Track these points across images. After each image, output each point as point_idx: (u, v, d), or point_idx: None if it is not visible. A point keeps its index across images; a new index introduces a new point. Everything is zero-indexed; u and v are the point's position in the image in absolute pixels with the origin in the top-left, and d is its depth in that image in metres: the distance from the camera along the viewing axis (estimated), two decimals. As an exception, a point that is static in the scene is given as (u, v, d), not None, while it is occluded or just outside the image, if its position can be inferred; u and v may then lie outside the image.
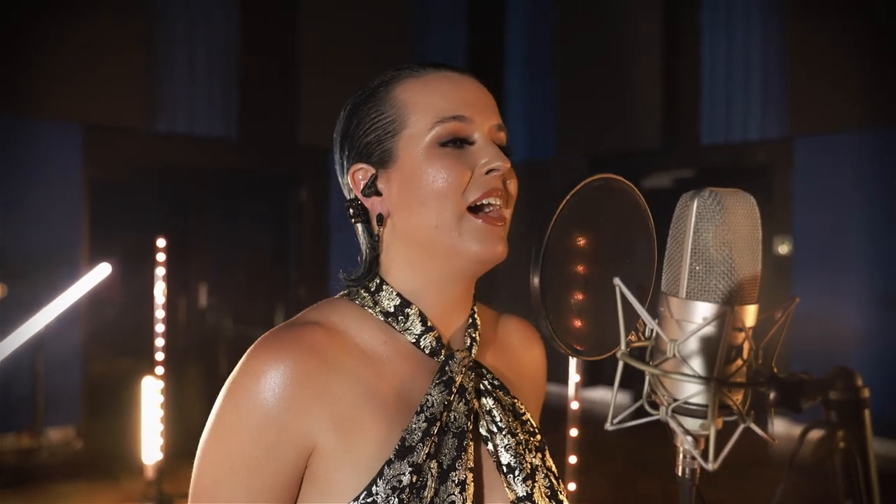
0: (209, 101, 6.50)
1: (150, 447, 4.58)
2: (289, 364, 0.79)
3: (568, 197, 0.73)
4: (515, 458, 0.85)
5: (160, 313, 4.63)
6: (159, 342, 4.60)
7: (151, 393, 4.63)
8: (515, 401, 0.91)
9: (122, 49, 5.98)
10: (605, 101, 7.39)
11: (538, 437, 0.90)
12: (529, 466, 0.86)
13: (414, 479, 0.78)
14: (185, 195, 6.89)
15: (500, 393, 0.90)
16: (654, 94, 6.90)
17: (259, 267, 7.02)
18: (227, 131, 6.60)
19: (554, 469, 0.90)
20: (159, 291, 4.61)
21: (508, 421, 0.87)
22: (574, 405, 2.50)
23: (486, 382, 0.89)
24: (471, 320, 0.91)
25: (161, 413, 4.58)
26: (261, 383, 0.78)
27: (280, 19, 7.00)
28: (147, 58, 6.18)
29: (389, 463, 0.79)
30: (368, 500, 0.77)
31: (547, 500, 0.86)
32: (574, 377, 2.59)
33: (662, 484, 4.81)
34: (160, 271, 4.58)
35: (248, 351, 0.82)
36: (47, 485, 4.83)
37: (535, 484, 0.86)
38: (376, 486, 0.78)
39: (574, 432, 2.53)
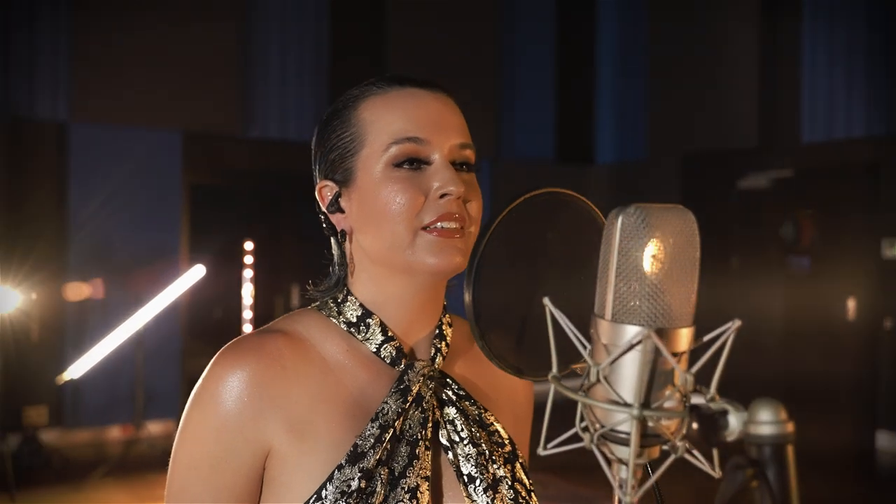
0: (300, 107, 6.69)
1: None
2: (247, 370, 0.82)
3: (504, 213, 0.71)
4: (476, 468, 0.85)
5: (248, 313, 4.81)
6: (246, 342, 4.78)
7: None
8: (483, 412, 0.90)
9: (218, 60, 6.25)
10: (698, 98, 7.16)
11: (507, 448, 0.89)
12: (492, 477, 0.85)
13: (363, 485, 0.79)
14: (278, 199, 7.12)
15: (466, 403, 0.89)
16: (750, 90, 6.63)
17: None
18: (317, 137, 6.78)
19: (525, 481, 0.88)
20: (247, 292, 4.79)
21: (471, 431, 0.86)
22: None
23: (449, 392, 0.88)
24: (437, 331, 0.91)
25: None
26: (220, 388, 0.82)
27: (369, 26, 7.12)
28: (241, 68, 6.43)
29: (340, 468, 0.80)
30: (317, 503, 0.79)
31: None
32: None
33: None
34: (248, 273, 4.76)
35: (214, 357, 0.85)
36: (147, 474, 5.09)
37: (497, 495, 0.85)
38: (325, 489, 0.79)
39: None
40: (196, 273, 5.44)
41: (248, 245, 4.80)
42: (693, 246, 0.59)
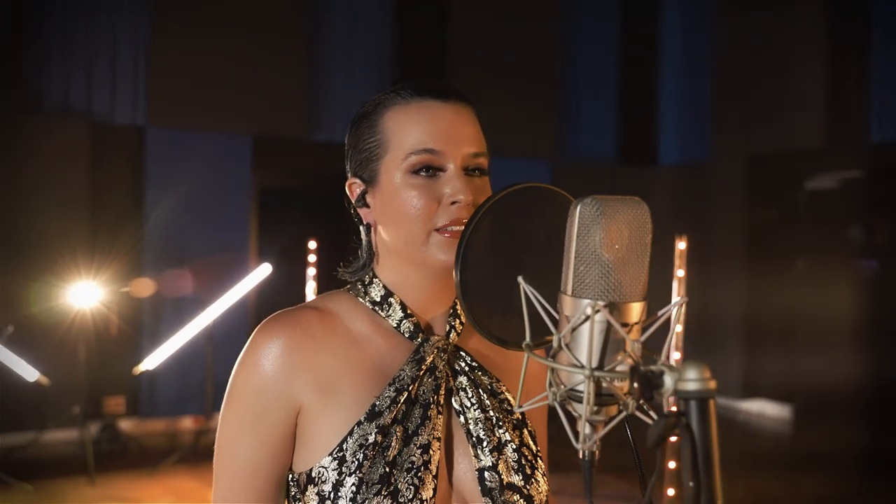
0: (364, 111, 6.88)
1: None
2: (282, 338, 0.95)
3: (487, 206, 0.81)
4: (484, 431, 0.95)
5: (311, 310, 4.99)
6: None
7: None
8: (496, 382, 1.01)
9: (286, 67, 6.49)
10: (763, 98, 7.06)
11: (517, 415, 1.00)
12: (497, 440, 0.96)
13: (379, 439, 0.91)
14: (343, 201, 7.32)
15: (479, 374, 1.00)
16: (816, 89, 6.52)
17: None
18: (380, 139, 6.96)
19: (532, 447, 0.99)
20: (310, 290, 4.97)
21: (481, 398, 0.97)
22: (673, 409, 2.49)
23: (462, 364, 0.99)
24: (452, 311, 1.02)
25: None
26: (260, 354, 0.95)
27: (431, 30, 7.26)
28: (308, 74, 6.66)
29: (359, 424, 0.92)
30: (339, 454, 0.91)
31: (512, 472, 0.95)
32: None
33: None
34: (311, 271, 4.94)
35: (256, 328, 0.99)
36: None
37: (502, 456, 0.95)
38: (346, 442, 0.91)
39: (673, 438, 2.51)
40: (263, 271, 5.67)
41: (312, 244, 4.97)
42: (644, 232, 0.68)
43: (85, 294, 5.33)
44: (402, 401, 0.94)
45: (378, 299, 1.01)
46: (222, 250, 6.23)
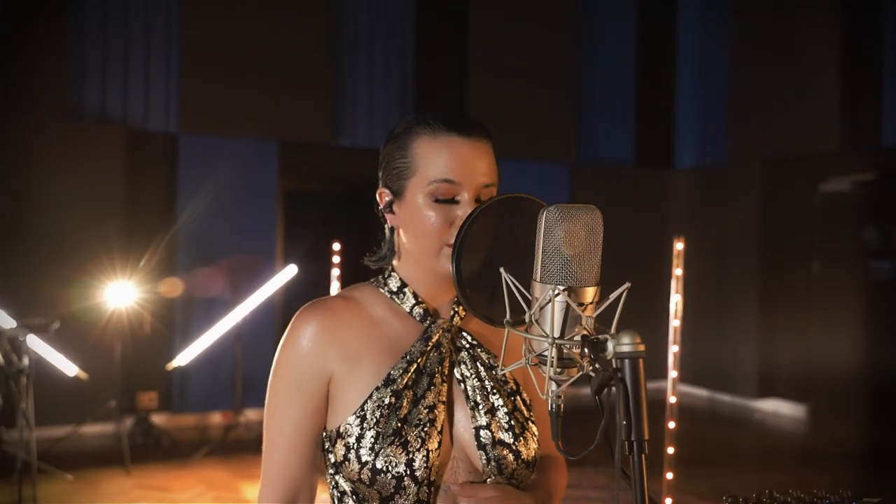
0: (387, 118, 7.10)
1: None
2: (316, 321, 1.17)
3: (477, 212, 1.02)
4: (481, 396, 1.17)
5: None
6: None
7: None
8: (494, 358, 1.22)
9: (311, 76, 6.72)
10: (778, 103, 7.18)
11: (511, 385, 1.21)
12: (491, 405, 1.17)
13: (392, 401, 1.13)
14: (365, 204, 7.53)
15: (479, 351, 1.21)
16: (830, 93, 6.63)
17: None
18: (402, 144, 7.17)
19: (524, 412, 1.20)
20: (335, 289, 5.18)
21: (479, 370, 1.19)
22: (672, 399, 2.66)
23: (464, 342, 1.21)
24: (455, 300, 1.23)
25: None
26: (299, 334, 1.17)
27: (452, 39, 7.46)
28: (332, 82, 6.89)
29: (377, 389, 1.14)
30: (361, 413, 1.13)
31: (502, 431, 1.16)
32: (672, 373, 2.74)
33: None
34: (335, 272, 5.15)
35: (294, 316, 1.21)
36: (242, 456, 5.56)
37: (494, 418, 1.16)
38: (366, 404, 1.13)
39: (672, 425, 2.68)
40: (289, 272, 5.90)
41: (336, 246, 5.18)
42: (597, 233, 0.88)
43: (121, 293, 5.59)
44: (412, 370, 1.15)
45: (395, 289, 1.22)
46: (250, 251, 6.46)
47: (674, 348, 2.95)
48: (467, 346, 1.21)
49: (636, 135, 8.38)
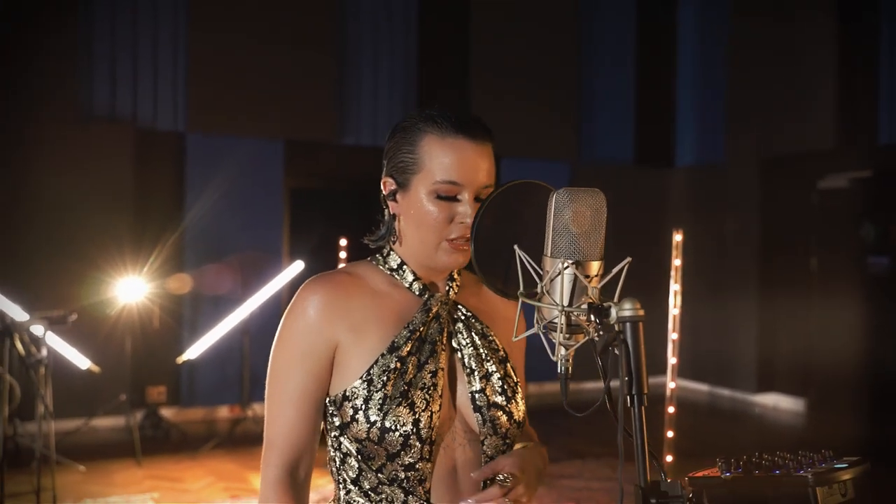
0: (390, 117, 7.21)
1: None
2: (323, 292, 1.25)
3: (491, 197, 1.13)
4: (476, 363, 1.28)
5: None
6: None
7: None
8: (485, 328, 1.32)
9: (316, 76, 6.82)
10: (776, 101, 7.28)
11: (501, 353, 1.31)
12: (485, 371, 1.28)
13: (398, 366, 1.22)
14: (369, 201, 7.64)
15: (473, 321, 1.31)
16: (827, 92, 6.73)
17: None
18: (406, 143, 7.28)
19: (513, 377, 1.31)
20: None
21: (473, 339, 1.29)
22: (671, 385, 2.77)
23: (459, 314, 1.31)
24: (450, 275, 1.34)
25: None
26: (306, 304, 1.25)
27: (454, 40, 7.56)
28: (337, 82, 6.99)
29: (383, 355, 1.23)
30: (367, 378, 1.22)
31: (496, 394, 1.27)
32: (672, 360, 2.85)
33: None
34: (342, 266, 5.27)
35: (300, 287, 1.29)
36: (250, 448, 5.66)
37: (489, 382, 1.27)
38: (373, 368, 1.22)
39: (671, 409, 2.79)
40: (295, 268, 6.01)
41: (343, 242, 5.30)
42: (601, 213, 0.98)
43: (131, 289, 5.70)
44: (414, 339, 1.25)
45: (395, 266, 1.31)
46: (256, 248, 6.57)
47: (673, 336, 3.06)
48: (462, 317, 1.31)
49: (636, 134, 8.48)
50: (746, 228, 7.59)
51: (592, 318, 0.93)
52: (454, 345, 1.29)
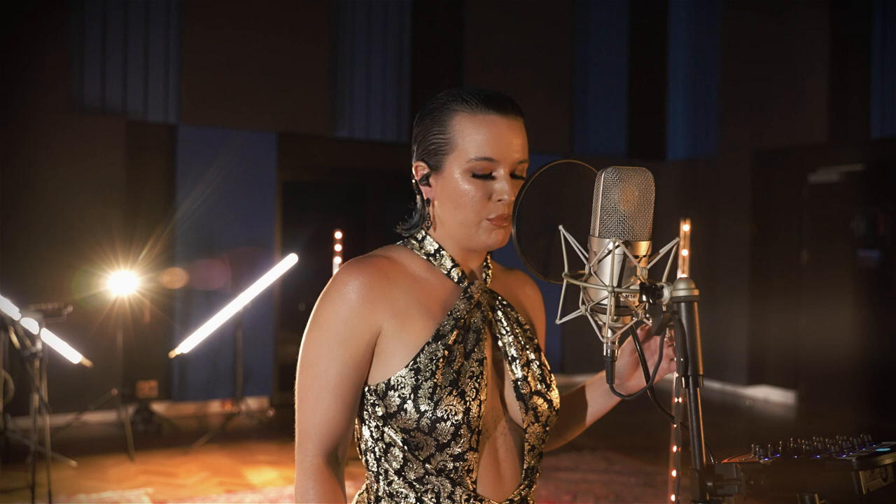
0: (383, 110, 7.18)
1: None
2: (363, 276, 1.21)
3: (534, 177, 1.10)
4: (516, 351, 1.26)
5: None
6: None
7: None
8: (518, 315, 1.31)
9: (310, 68, 6.77)
10: (768, 95, 7.30)
11: (535, 341, 1.30)
12: (526, 358, 1.26)
13: (446, 354, 1.19)
14: (362, 194, 7.62)
15: (509, 310, 1.30)
16: (819, 86, 6.76)
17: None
18: (398, 136, 7.25)
19: (547, 364, 1.29)
20: (336, 278, 5.26)
21: (513, 327, 1.28)
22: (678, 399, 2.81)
23: (496, 302, 1.30)
24: (485, 262, 1.32)
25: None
26: (346, 288, 1.20)
27: (447, 35, 7.53)
28: (330, 75, 6.95)
29: (429, 343, 1.20)
30: (415, 366, 1.18)
31: (537, 382, 1.25)
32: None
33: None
34: (337, 260, 5.22)
35: (336, 271, 1.26)
36: (244, 442, 5.63)
37: (529, 370, 1.26)
38: (419, 357, 1.19)
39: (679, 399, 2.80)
40: (289, 261, 5.96)
41: (338, 234, 5.25)
42: (650, 192, 0.96)
43: (123, 283, 5.64)
44: (459, 326, 1.22)
45: (432, 252, 1.28)
46: (249, 241, 6.52)
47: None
48: (500, 305, 1.29)
49: (629, 127, 8.50)
50: (738, 221, 7.62)
51: (644, 298, 0.90)
52: (494, 333, 1.27)
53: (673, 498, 2.98)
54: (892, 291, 6.52)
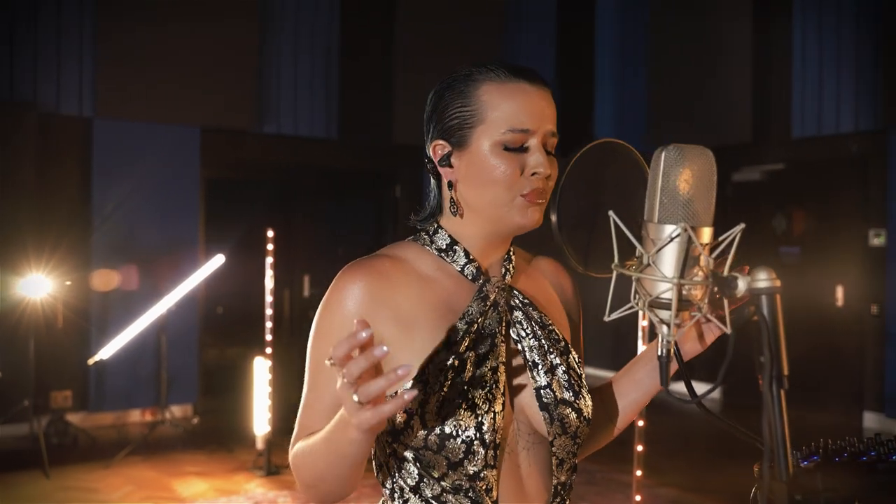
0: (311, 105, 6.96)
1: (261, 421, 5.02)
2: (362, 282, 1.10)
3: (577, 156, 0.99)
4: (539, 356, 1.12)
5: (269, 298, 5.05)
6: (269, 324, 5.02)
7: (262, 371, 5.07)
8: (543, 316, 1.17)
9: (235, 60, 6.50)
10: (694, 95, 7.45)
11: (562, 343, 1.15)
12: (550, 364, 1.13)
13: (455, 363, 1.06)
14: (290, 192, 7.38)
15: (530, 309, 1.16)
16: (744, 86, 6.92)
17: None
18: (328, 132, 7.05)
19: (577, 369, 1.16)
20: (269, 278, 5.04)
21: (534, 329, 1.14)
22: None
23: (516, 301, 1.15)
24: (507, 256, 1.19)
25: (269, 390, 5.00)
26: (343, 295, 1.10)
27: (376, 29, 7.38)
28: (257, 68, 6.69)
29: (438, 352, 1.07)
30: (423, 378, 1.05)
31: (563, 389, 1.12)
32: (641, 347, 2.80)
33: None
34: (269, 260, 5.00)
35: (337, 274, 1.12)
36: (169, 453, 5.34)
37: (555, 377, 1.12)
38: (428, 367, 1.06)
39: (640, 423, 2.76)
40: (216, 262, 5.69)
41: (270, 233, 5.03)
42: (712, 172, 0.87)
43: (35, 286, 5.26)
44: (472, 332, 1.09)
45: (444, 247, 1.15)
46: (171, 241, 6.21)
47: (644, 322, 3.02)
48: (520, 304, 1.16)
49: (557, 129, 8.53)
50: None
51: (715, 289, 0.81)
52: (513, 335, 1.14)
53: (638, 498, 2.94)
54: (811, 288, 6.73)
